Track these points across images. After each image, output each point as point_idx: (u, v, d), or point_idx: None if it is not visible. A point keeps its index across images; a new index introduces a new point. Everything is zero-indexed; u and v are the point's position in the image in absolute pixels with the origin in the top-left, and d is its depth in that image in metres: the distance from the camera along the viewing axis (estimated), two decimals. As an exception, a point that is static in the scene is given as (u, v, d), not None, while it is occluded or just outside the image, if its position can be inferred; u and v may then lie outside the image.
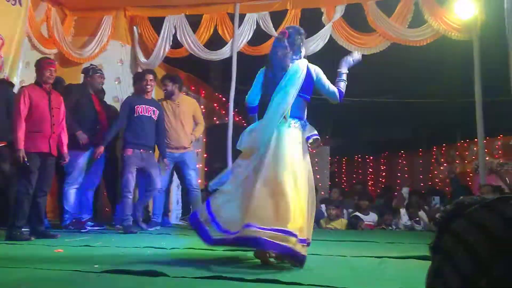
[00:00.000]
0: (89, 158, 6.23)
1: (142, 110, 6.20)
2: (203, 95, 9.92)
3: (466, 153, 12.92)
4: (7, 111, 5.51)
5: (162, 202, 6.80)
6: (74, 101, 6.14)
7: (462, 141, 13.17)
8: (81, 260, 3.47)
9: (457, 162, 13.18)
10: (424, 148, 15.06)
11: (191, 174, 6.70)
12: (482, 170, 6.90)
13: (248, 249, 3.55)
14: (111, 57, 7.90)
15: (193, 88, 9.43)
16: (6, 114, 5.48)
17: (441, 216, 0.88)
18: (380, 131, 14.59)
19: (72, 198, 6.12)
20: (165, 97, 6.84)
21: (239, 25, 7.69)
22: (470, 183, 11.37)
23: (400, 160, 15.77)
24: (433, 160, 14.53)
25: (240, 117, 11.39)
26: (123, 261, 3.42)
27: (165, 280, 2.66)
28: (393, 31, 7.19)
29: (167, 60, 8.32)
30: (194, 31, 7.86)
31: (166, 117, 6.66)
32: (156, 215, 6.72)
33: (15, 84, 6.22)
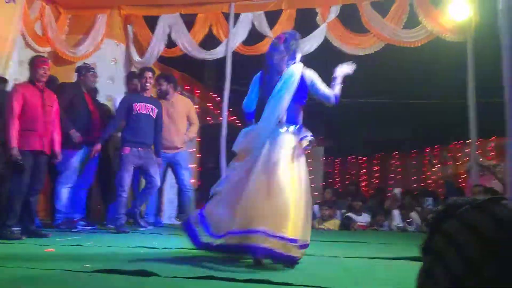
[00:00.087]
0: (82, 157, 6.20)
1: (140, 108, 6.11)
2: (197, 94, 9.91)
3: (459, 155, 12.96)
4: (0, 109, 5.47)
5: (155, 202, 6.78)
6: (68, 100, 6.11)
7: (455, 143, 13.21)
8: (72, 260, 3.45)
9: (450, 163, 13.22)
10: (417, 149, 15.10)
11: (184, 174, 6.67)
12: (474, 171, 6.93)
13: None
14: (105, 56, 7.88)
15: (187, 87, 9.41)
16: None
17: (432, 217, 0.88)
18: (373, 132, 14.63)
19: (64, 198, 6.08)
20: (159, 97, 6.80)
21: (234, 25, 7.68)
22: (463, 184, 11.41)
23: (393, 161, 15.82)
24: (426, 161, 14.58)
25: (234, 117, 11.39)
26: (115, 260, 3.41)
27: (156, 280, 2.65)
28: (387, 32, 7.20)
29: (162, 59, 8.30)
30: (189, 31, 7.85)
31: None
32: (148, 215, 6.69)
33: (8, 80, 6.16)
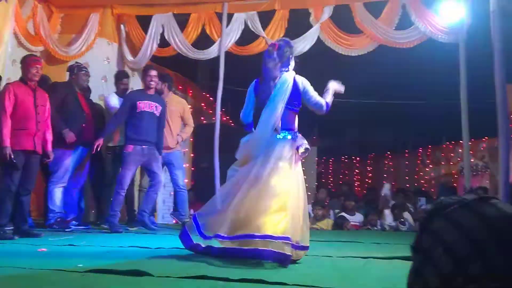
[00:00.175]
0: (75, 156, 6.17)
1: (144, 106, 6.03)
2: (190, 94, 9.90)
3: (452, 155, 13.03)
4: None
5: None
6: (60, 99, 6.08)
7: (448, 143, 13.28)
8: (65, 260, 3.44)
9: (443, 163, 13.30)
10: (410, 150, 15.17)
11: (177, 174, 6.65)
12: (467, 171, 6.96)
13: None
14: (97, 55, 7.84)
15: (180, 87, 9.40)
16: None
17: (421, 216, 0.89)
18: (367, 133, 14.68)
19: (57, 197, 6.05)
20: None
21: (227, 25, 7.67)
22: (455, 184, 11.47)
23: (386, 162, 15.87)
24: (419, 162, 14.65)
25: (228, 117, 11.39)
26: (108, 260, 3.40)
27: (149, 280, 2.64)
28: (380, 32, 7.21)
29: (154, 59, 8.27)
30: (182, 30, 7.83)
31: None
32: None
33: (1, 77, 6.11)
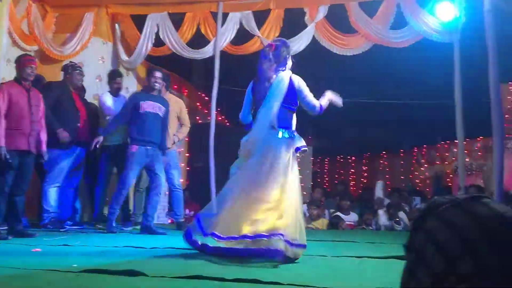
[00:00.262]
0: (70, 156, 6.15)
1: (148, 106, 5.99)
2: (185, 94, 9.89)
3: (447, 154, 13.07)
4: None
5: (142, 201, 6.73)
6: (54, 99, 6.06)
7: (443, 142, 13.31)
8: (60, 260, 3.43)
9: (438, 163, 13.33)
10: (405, 149, 15.20)
11: (173, 174, 6.63)
12: (461, 171, 6.97)
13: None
14: (92, 55, 7.81)
15: (175, 87, 9.38)
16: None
17: (414, 216, 0.89)
18: (362, 132, 14.69)
19: (52, 197, 6.04)
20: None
21: (222, 24, 7.66)
22: (450, 184, 11.52)
23: (381, 161, 15.90)
24: (414, 161, 14.68)
25: (223, 117, 11.38)
26: (102, 260, 3.39)
27: (144, 280, 2.64)
28: (375, 32, 7.21)
29: (149, 58, 8.26)
30: (177, 30, 7.82)
31: None
32: (136, 215, 6.65)
33: None
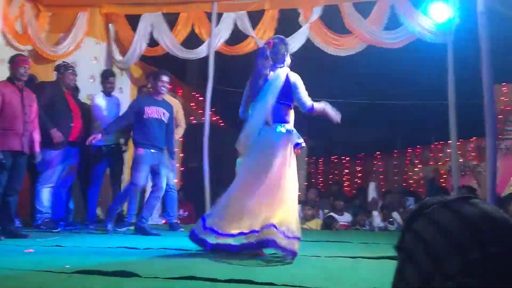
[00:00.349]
0: (64, 156, 6.13)
1: (151, 112, 5.93)
2: (180, 94, 9.86)
3: (440, 155, 13.10)
4: None
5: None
6: (48, 99, 6.04)
7: (436, 143, 13.35)
8: (52, 260, 3.41)
9: (432, 163, 13.37)
10: (399, 149, 15.24)
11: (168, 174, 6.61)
12: (455, 171, 6.99)
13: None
14: (85, 55, 7.79)
15: (170, 87, 9.34)
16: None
17: (405, 216, 0.89)
18: (356, 132, 14.70)
19: (45, 197, 6.01)
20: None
21: (217, 24, 7.66)
22: (444, 184, 11.55)
23: (375, 161, 15.93)
24: (407, 161, 14.72)
25: (217, 117, 11.36)
26: (95, 261, 3.38)
27: (137, 281, 2.64)
28: (369, 33, 7.22)
29: (143, 58, 8.24)
30: (171, 30, 7.80)
31: None
32: (130, 215, 6.63)
33: None
